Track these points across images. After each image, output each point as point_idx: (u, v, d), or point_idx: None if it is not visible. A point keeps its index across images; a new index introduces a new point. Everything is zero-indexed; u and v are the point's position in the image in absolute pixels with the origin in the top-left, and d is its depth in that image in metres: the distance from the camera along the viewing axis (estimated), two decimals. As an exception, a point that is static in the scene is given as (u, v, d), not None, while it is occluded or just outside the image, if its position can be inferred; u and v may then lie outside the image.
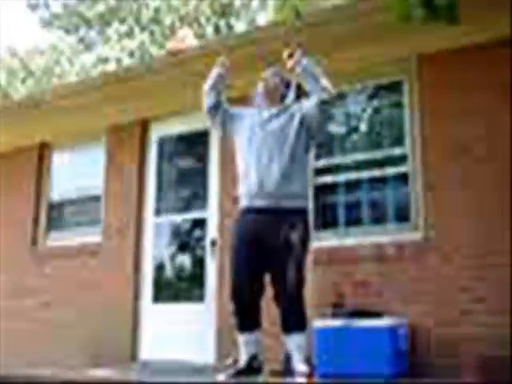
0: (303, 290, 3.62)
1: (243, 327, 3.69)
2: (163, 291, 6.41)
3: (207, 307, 5.93)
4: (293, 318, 3.57)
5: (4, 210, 7.64)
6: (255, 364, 3.69)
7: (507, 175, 4.69)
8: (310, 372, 3.58)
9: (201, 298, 6.05)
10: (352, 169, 5.51)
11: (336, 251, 5.33)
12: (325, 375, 4.48)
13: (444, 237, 4.88)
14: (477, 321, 4.61)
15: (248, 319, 3.69)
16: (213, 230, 6.07)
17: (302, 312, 3.59)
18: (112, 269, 6.54)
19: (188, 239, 6.47)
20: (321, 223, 5.55)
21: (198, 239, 6.32)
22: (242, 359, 3.70)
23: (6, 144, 7.71)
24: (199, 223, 6.29)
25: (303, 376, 3.51)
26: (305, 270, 3.68)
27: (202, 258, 6.16)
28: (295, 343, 3.57)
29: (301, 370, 3.54)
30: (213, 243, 5.99)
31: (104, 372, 5.66)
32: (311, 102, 3.75)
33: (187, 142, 6.63)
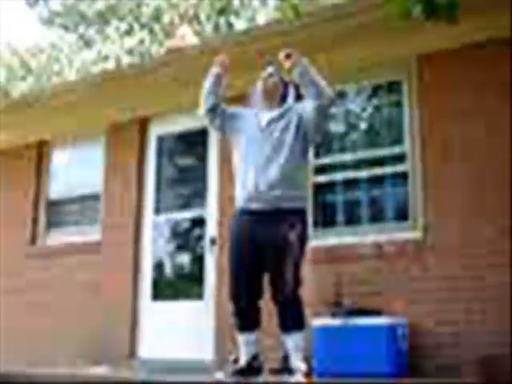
0: (301, 290, 3.62)
1: (243, 327, 3.69)
2: (162, 289, 6.41)
3: (206, 305, 5.93)
4: (291, 318, 3.57)
5: (3, 209, 7.63)
6: (255, 364, 3.69)
7: (507, 175, 4.68)
8: (309, 371, 3.59)
9: (200, 296, 6.06)
10: (351, 167, 5.51)
11: (335, 250, 5.33)
12: (323, 374, 4.48)
13: (443, 236, 4.88)
14: (476, 320, 4.62)
15: (248, 319, 3.69)
16: (212, 229, 6.07)
17: (300, 311, 3.60)
18: (111, 267, 6.53)
19: (187, 237, 6.47)
20: (320, 222, 5.55)
21: (197, 237, 6.32)
22: (243, 359, 3.71)
23: (5, 142, 7.69)
24: (198, 221, 6.29)
25: (302, 374, 3.52)
26: (302, 270, 3.68)
27: (201, 256, 6.16)
28: (294, 342, 3.57)
29: (299, 369, 3.55)
30: (212, 241, 5.99)
31: (103, 370, 5.66)
32: (310, 106, 3.71)
33: (186, 141, 6.63)
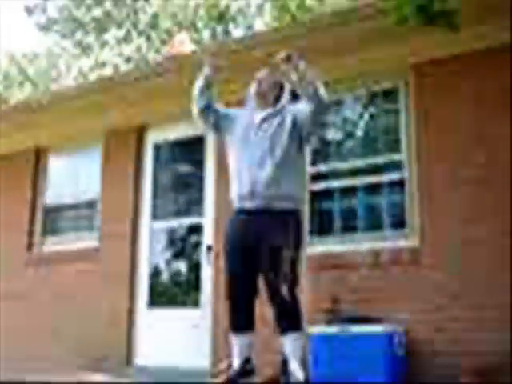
0: (297, 290, 3.60)
1: (237, 328, 3.69)
2: (159, 296, 6.40)
3: (203, 313, 5.92)
4: (288, 318, 3.56)
5: (2, 214, 7.61)
6: (248, 367, 3.69)
7: (505, 182, 4.68)
8: (306, 378, 3.57)
9: (196, 304, 6.04)
10: (348, 175, 5.51)
11: (332, 257, 5.32)
12: (320, 382, 4.47)
13: (440, 243, 4.88)
14: (475, 328, 4.60)
15: (242, 319, 3.69)
16: (209, 236, 6.06)
17: (297, 311, 3.58)
18: (108, 274, 6.51)
19: (184, 245, 6.46)
20: (317, 229, 5.54)
21: (194, 245, 6.31)
22: (235, 362, 3.70)
23: (2, 148, 7.69)
24: (195, 229, 6.28)
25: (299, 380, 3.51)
26: (299, 270, 3.66)
27: (198, 264, 6.15)
28: (291, 343, 3.54)
29: (297, 375, 3.51)
30: (208, 249, 5.98)
31: (99, 377, 5.64)
32: (305, 108, 3.70)
33: (183, 148, 6.63)
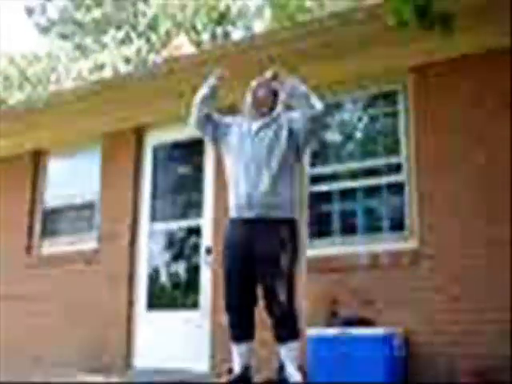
0: (294, 300, 3.61)
1: (237, 338, 3.69)
2: (157, 298, 6.39)
3: (202, 315, 5.91)
4: (285, 328, 3.57)
5: (2, 216, 7.61)
6: (248, 375, 3.69)
7: (504, 183, 4.68)
8: (303, 380, 3.58)
9: (195, 305, 6.04)
10: (347, 177, 5.51)
11: (331, 260, 5.32)
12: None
13: (439, 246, 4.87)
14: (474, 330, 4.60)
15: (241, 330, 3.70)
16: (207, 238, 6.06)
17: (295, 321, 3.59)
18: (107, 276, 6.51)
19: (183, 246, 6.46)
20: (316, 232, 5.54)
21: (193, 247, 6.31)
22: (236, 369, 3.71)
23: (2, 150, 7.68)
24: (194, 230, 6.28)
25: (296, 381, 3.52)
26: (296, 280, 3.67)
27: (197, 266, 6.15)
28: (288, 352, 3.57)
29: (294, 377, 3.53)
30: (208, 251, 5.97)
31: (97, 379, 5.64)
32: (300, 117, 3.70)
33: (182, 150, 6.63)
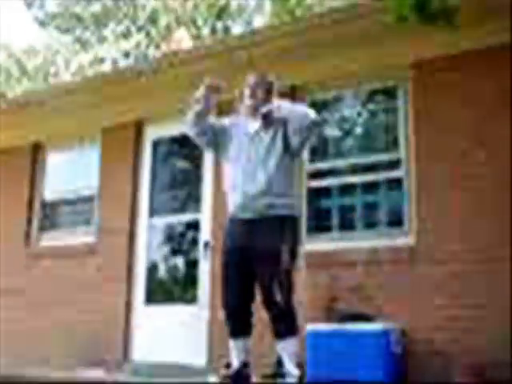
0: (292, 296, 3.62)
1: (235, 333, 3.70)
2: (156, 293, 6.39)
3: (200, 309, 5.92)
4: (283, 324, 3.57)
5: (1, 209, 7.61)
6: (245, 371, 3.70)
7: (504, 181, 4.68)
8: (301, 376, 3.59)
9: (194, 300, 6.05)
10: (346, 173, 5.51)
11: (329, 255, 5.32)
12: (316, 379, 4.47)
13: (438, 242, 4.88)
14: (473, 326, 4.61)
15: (239, 325, 3.70)
16: (206, 232, 6.06)
17: (293, 317, 3.60)
18: (105, 270, 6.51)
19: (181, 241, 6.46)
20: (314, 227, 5.54)
21: (192, 241, 6.31)
22: (234, 364, 3.72)
23: (1, 142, 7.67)
24: (193, 225, 6.28)
25: (295, 378, 3.52)
26: (293, 277, 3.67)
27: (196, 260, 6.15)
28: (287, 348, 3.57)
29: (292, 374, 3.55)
30: (206, 245, 5.98)
31: (96, 373, 5.65)
32: (296, 127, 3.65)
33: (182, 144, 6.62)
